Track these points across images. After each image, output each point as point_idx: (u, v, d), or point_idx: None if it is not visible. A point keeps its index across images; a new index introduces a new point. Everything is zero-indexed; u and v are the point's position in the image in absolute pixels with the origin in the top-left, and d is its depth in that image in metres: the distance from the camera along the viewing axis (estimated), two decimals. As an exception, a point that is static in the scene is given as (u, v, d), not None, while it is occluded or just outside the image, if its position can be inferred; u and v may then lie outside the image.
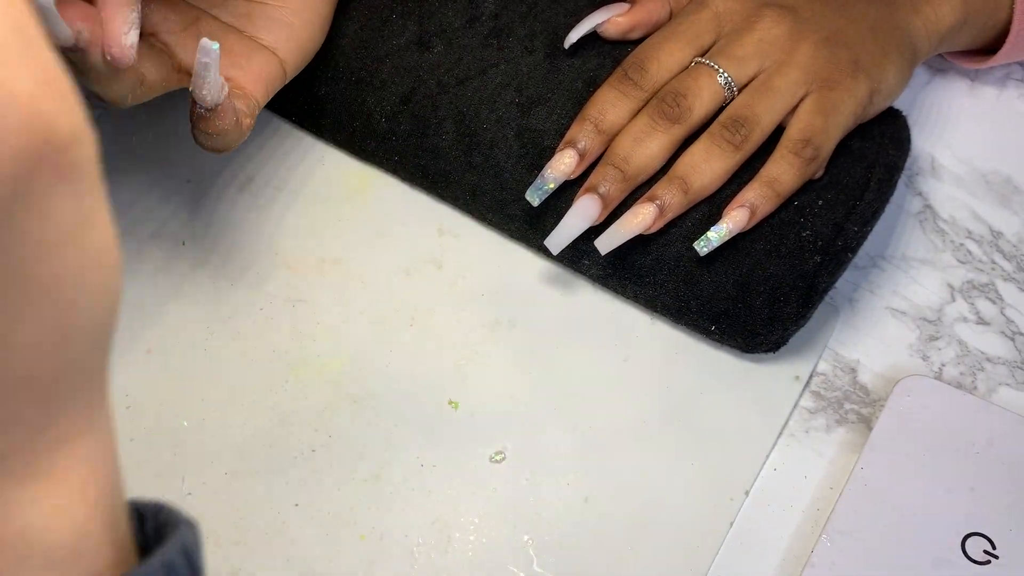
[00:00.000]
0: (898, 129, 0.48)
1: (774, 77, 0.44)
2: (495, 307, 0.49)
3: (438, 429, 0.46)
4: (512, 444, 0.46)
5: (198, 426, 0.46)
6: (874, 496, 0.43)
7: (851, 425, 0.47)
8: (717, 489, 0.45)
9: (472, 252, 0.50)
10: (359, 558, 0.43)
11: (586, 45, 0.48)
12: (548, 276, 0.50)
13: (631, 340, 0.48)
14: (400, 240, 0.51)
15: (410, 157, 0.49)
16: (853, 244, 0.45)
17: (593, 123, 0.44)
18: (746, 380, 0.47)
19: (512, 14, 0.49)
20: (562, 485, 0.45)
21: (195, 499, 0.44)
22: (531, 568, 0.43)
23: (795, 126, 0.44)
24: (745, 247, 0.45)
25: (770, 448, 0.46)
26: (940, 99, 0.56)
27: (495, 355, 0.48)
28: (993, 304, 0.50)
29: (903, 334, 0.49)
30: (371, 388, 0.47)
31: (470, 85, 0.47)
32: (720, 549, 0.43)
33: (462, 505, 0.44)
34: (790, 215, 0.45)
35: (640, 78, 0.45)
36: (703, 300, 0.46)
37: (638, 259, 0.46)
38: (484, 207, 0.49)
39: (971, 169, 0.53)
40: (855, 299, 0.50)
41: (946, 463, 0.44)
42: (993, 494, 0.43)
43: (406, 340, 0.48)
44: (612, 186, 0.44)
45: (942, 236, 0.52)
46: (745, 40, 0.45)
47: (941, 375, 0.48)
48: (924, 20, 0.47)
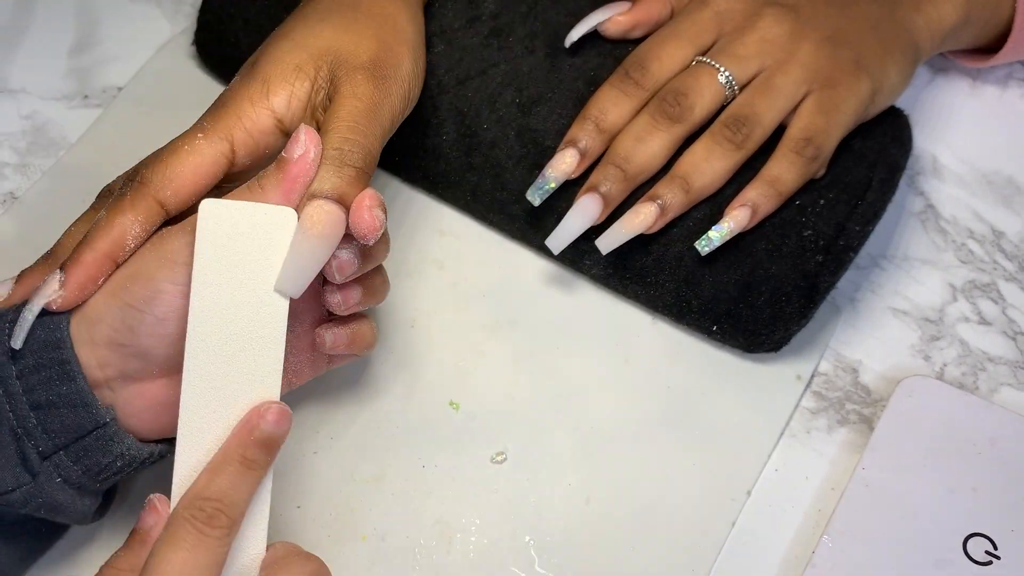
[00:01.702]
0: (900, 128, 0.48)
1: (775, 76, 0.44)
2: (496, 307, 0.49)
3: (439, 430, 0.46)
4: (513, 445, 0.46)
5: (199, 427, 0.46)
6: (875, 496, 0.43)
7: (853, 425, 0.47)
8: (719, 489, 0.45)
9: (473, 252, 0.50)
10: (361, 559, 0.43)
11: (587, 45, 0.48)
12: (549, 276, 0.50)
13: (632, 340, 0.48)
14: (401, 240, 0.50)
15: (410, 157, 0.49)
16: (855, 243, 0.45)
17: (594, 122, 0.44)
18: (747, 380, 0.47)
19: (512, 14, 0.49)
20: (563, 486, 0.45)
21: (196, 500, 0.44)
22: (532, 569, 0.43)
23: (796, 125, 0.44)
24: (747, 247, 0.45)
25: (771, 448, 0.46)
26: (942, 98, 0.55)
27: (496, 355, 0.48)
28: (995, 304, 0.50)
29: (905, 334, 0.49)
30: (372, 389, 0.47)
31: (470, 85, 0.47)
32: (722, 549, 0.43)
33: (463, 506, 0.44)
34: (792, 214, 0.45)
35: (641, 77, 0.45)
36: (704, 300, 0.45)
37: (639, 259, 0.46)
38: (485, 207, 0.49)
39: (973, 169, 0.53)
40: (857, 299, 0.50)
41: (948, 463, 0.44)
42: (995, 494, 0.43)
43: (407, 340, 0.48)
44: (613, 185, 0.44)
45: (944, 236, 0.51)
46: (746, 39, 0.45)
47: (943, 375, 0.48)
48: (926, 19, 0.47)
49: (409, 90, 0.41)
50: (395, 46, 0.41)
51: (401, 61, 0.41)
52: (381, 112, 0.39)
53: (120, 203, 0.37)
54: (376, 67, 0.40)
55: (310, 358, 0.41)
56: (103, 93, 0.56)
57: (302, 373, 0.41)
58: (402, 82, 0.41)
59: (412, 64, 0.42)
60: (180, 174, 0.38)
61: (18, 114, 0.55)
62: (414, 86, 0.42)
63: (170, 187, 0.38)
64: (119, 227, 0.37)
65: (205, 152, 0.38)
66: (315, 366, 0.42)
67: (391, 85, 0.40)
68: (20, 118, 0.55)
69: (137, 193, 0.37)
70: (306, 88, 0.40)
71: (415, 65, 0.42)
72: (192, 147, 0.38)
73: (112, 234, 0.37)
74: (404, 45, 0.42)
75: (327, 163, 0.37)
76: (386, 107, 0.39)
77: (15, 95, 0.56)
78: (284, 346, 0.36)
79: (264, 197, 0.36)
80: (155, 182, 0.38)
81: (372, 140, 0.38)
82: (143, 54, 0.56)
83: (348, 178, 0.36)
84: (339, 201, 0.36)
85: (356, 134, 0.38)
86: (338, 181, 0.36)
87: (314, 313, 0.41)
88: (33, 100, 0.55)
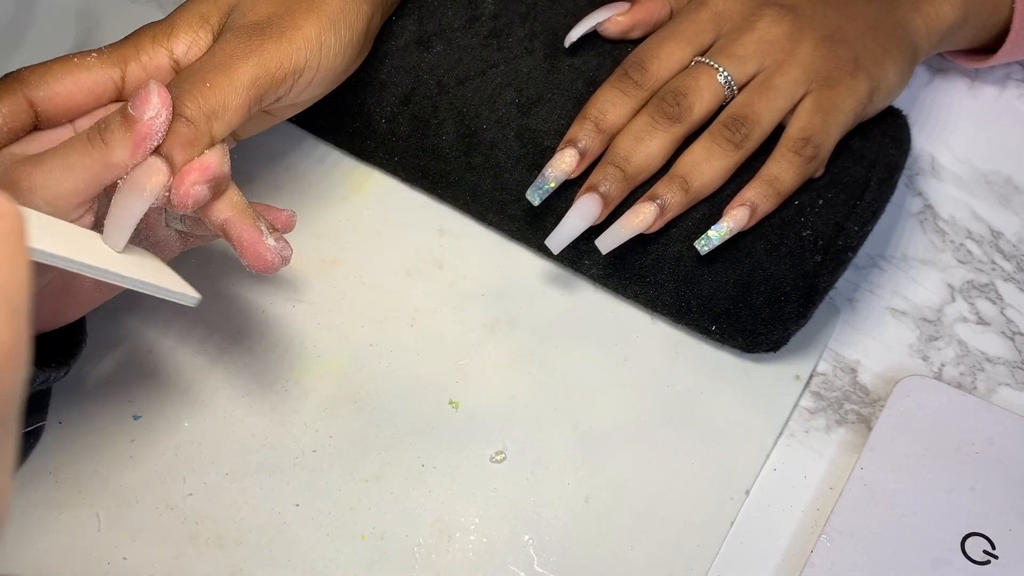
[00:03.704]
0: (898, 128, 0.48)
1: (774, 76, 0.44)
2: (495, 307, 0.49)
3: (438, 429, 0.46)
4: (512, 444, 0.46)
5: (199, 426, 0.46)
6: (874, 496, 0.43)
7: (851, 425, 0.47)
8: (717, 489, 0.45)
9: (472, 252, 0.50)
10: (360, 558, 0.43)
11: (586, 45, 0.48)
12: (548, 276, 0.50)
13: (631, 340, 0.48)
14: (400, 240, 0.51)
15: (410, 157, 0.49)
16: (854, 243, 0.45)
17: (594, 122, 0.44)
18: (746, 380, 0.47)
19: (512, 14, 0.49)
20: (563, 485, 0.45)
21: (196, 499, 0.44)
22: (532, 568, 0.43)
23: (795, 125, 0.44)
24: (746, 247, 0.45)
25: (770, 448, 0.46)
26: (940, 99, 0.56)
27: (495, 355, 0.48)
28: (993, 304, 0.50)
29: (903, 334, 0.49)
30: (371, 388, 0.47)
31: (470, 85, 0.47)
32: (720, 549, 0.43)
33: (463, 505, 0.44)
34: (790, 214, 0.45)
35: (640, 77, 0.45)
36: (704, 300, 0.46)
37: (638, 259, 0.46)
38: (484, 207, 0.49)
39: (971, 169, 0.53)
40: (855, 299, 0.50)
41: (946, 463, 0.44)
42: (993, 494, 0.43)
43: (406, 340, 0.48)
44: (613, 185, 0.44)
45: (942, 236, 0.52)
46: (745, 39, 0.45)
47: (941, 375, 0.48)
48: (924, 18, 0.47)
49: (305, 57, 0.41)
50: (297, 11, 0.41)
51: (298, 25, 0.40)
52: (236, 66, 0.38)
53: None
54: (255, 26, 0.40)
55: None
56: (103, 93, 0.56)
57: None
58: (291, 46, 0.40)
59: (317, 32, 0.41)
60: (59, 79, 0.37)
61: (18, 114, 0.55)
62: (321, 56, 0.41)
63: (44, 89, 0.37)
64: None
65: (94, 69, 0.38)
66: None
67: (267, 43, 0.39)
68: (20, 118, 0.55)
69: (8, 86, 0.37)
70: (207, 39, 0.40)
71: (324, 35, 0.41)
72: (82, 62, 0.38)
73: None
74: (311, 12, 0.41)
75: None
76: (248, 62, 0.38)
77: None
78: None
79: (108, 154, 0.35)
80: (31, 81, 0.37)
81: (214, 92, 0.37)
82: (143, 54, 0.56)
83: (174, 128, 0.36)
84: (159, 153, 0.35)
85: (188, 83, 0.37)
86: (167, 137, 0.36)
87: None
88: (33, 100, 0.55)
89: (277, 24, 0.40)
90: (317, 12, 0.41)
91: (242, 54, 0.39)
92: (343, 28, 0.42)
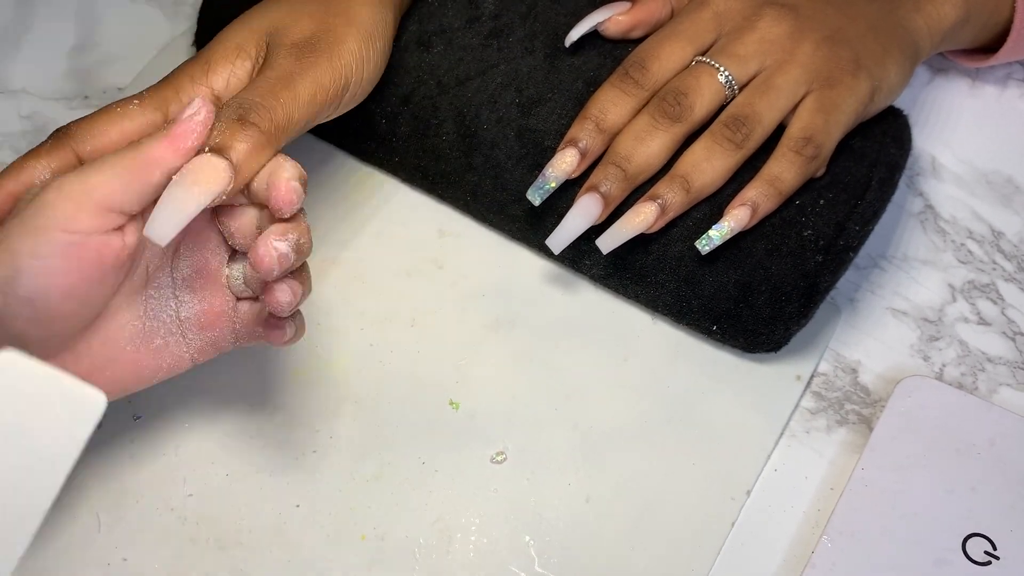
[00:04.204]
0: (899, 128, 0.48)
1: (775, 75, 0.44)
2: (496, 307, 0.49)
3: (439, 429, 0.46)
4: (513, 444, 0.46)
5: (199, 426, 0.46)
6: (875, 497, 0.43)
7: (852, 425, 0.47)
8: (718, 489, 0.45)
9: (473, 252, 0.50)
10: (360, 559, 0.43)
11: (586, 45, 0.48)
12: (549, 276, 0.50)
13: (632, 340, 0.48)
14: (400, 240, 0.50)
15: (410, 157, 0.49)
16: (855, 243, 0.45)
17: (594, 122, 0.44)
18: (747, 380, 0.47)
19: (512, 14, 0.49)
20: (563, 485, 0.45)
21: (196, 499, 0.44)
22: (532, 568, 0.43)
23: (796, 124, 0.44)
24: (746, 246, 0.45)
25: (771, 448, 0.46)
26: (941, 98, 0.56)
27: (496, 355, 0.48)
28: (994, 304, 0.50)
29: (904, 334, 0.49)
30: (371, 388, 0.47)
31: (470, 85, 0.47)
32: (721, 549, 0.43)
33: (463, 505, 0.44)
34: (791, 214, 0.45)
35: (641, 77, 0.45)
36: (704, 300, 0.45)
37: (639, 259, 0.46)
38: (484, 207, 0.49)
39: (972, 169, 0.53)
40: (856, 299, 0.50)
41: (947, 464, 0.44)
42: (994, 495, 0.43)
43: (406, 340, 0.48)
44: (613, 185, 0.44)
45: (943, 236, 0.52)
46: (746, 39, 0.45)
47: (942, 375, 0.48)
48: (926, 18, 0.47)
49: (352, 71, 0.41)
50: (337, 27, 0.41)
51: (342, 40, 0.41)
52: (296, 83, 0.38)
53: (38, 148, 0.37)
54: (305, 44, 0.40)
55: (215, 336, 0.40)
56: (103, 94, 0.56)
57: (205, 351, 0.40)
58: (340, 61, 0.40)
59: (358, 46, 0.41)
60: (105, 132, 0.38)
61: (18, 114, 0.55)
62: (363, 69, 0.42)
63: (92, 143, 0.37)
64: (28, 170, 0.37)
65: (136, 118, 0.38)
66: (217, 344, 0.40)
67: (320, 60, 0.39)
68: (20, 118, 0.55)
69: (57, 141, 0.37)
70: (247, 67, 0.40)
71: (363, 48, 0.42)
72: (124, 111, 0.38)
73: (20, 176, 0.37)
74: (350, 26, 0.41)
75: (221, 119, 0.36)
76: (307, 80, 0.39)
77: (15, 95, 0.56)
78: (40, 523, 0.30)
79: (145, 150, 0.34)
80: (78, 135, 0.37)
81: (281, 106, 0.37)
82: (144, 55, 0.56)
83: (238, 132, 0.35)
84: (220, 151, 0.35)
85: (257, 95, 0.37)
86: (228, 133, 0.35)
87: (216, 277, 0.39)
88: (34, 100, 0.55)
89: (324, 40, 0.40)
90: (356, 26, 0.42)
91: (299, 72, 0.39)
92: (377, 39, 0.43)
